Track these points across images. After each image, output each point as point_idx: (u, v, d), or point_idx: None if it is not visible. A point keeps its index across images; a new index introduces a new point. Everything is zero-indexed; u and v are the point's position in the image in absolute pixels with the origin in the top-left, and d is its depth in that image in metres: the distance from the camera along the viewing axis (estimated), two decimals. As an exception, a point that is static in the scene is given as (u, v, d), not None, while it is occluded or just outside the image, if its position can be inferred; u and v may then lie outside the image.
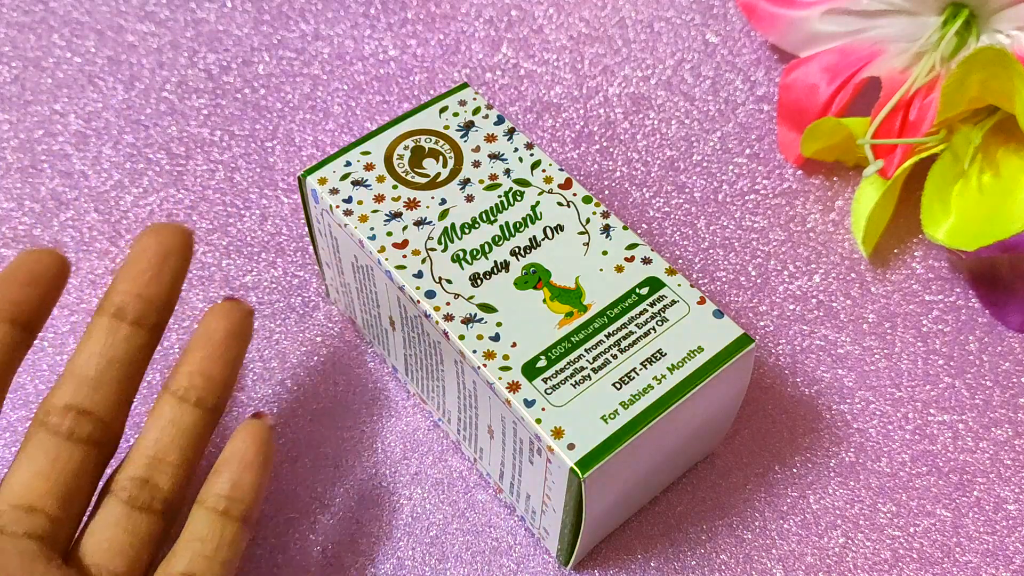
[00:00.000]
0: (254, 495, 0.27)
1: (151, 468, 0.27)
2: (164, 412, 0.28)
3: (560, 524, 0.29)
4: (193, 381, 0.28)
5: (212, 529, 0.27)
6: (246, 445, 0.27)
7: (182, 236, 0.29)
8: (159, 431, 0.28)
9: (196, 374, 0.28)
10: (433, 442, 0.33)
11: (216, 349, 0.28)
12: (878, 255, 0.38)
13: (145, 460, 0.27)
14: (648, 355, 0.28)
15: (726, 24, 0.45)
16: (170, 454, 0.27)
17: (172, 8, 0.45)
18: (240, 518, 0.27)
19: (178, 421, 0.28)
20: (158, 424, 0.28)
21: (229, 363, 0.29)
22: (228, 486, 0.27)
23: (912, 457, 0.33)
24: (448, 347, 0.28)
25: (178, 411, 0.28)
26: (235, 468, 0.27)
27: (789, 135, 0.40)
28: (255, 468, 0.27)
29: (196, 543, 0.26)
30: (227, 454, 0.28)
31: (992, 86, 0.33)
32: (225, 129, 0.41)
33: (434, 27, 0.45)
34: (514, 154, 0.32)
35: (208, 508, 0.27)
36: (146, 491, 0.27)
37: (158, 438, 0.27)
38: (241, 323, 0.29)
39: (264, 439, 0.28)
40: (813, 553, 0.31)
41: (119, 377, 0.27)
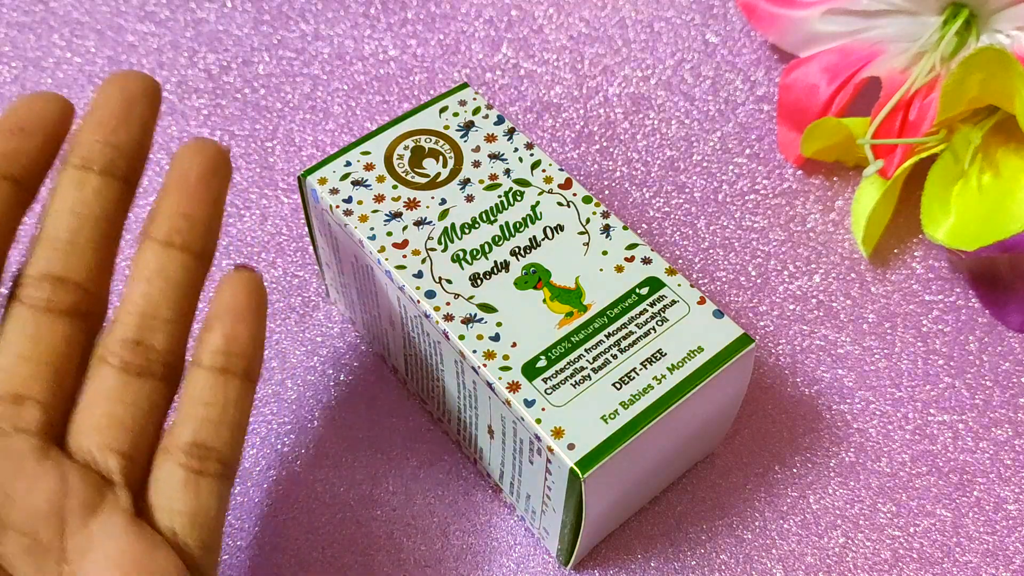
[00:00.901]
0: (253, 348, 0.25)
1: (142, 327, 0.24)
2: (148, 261, 0.24)
3: (560, 524, 0.29)
4: (175, 224, 0.24)
5: (214, 390, 0.24)
6: (236, 294, 0.24)
7: (148, 81, 0.25)
8: (146, 283, 0.24)
9: (177, 216, 0.25)
10: (433, 442, 0.33)
11: (195, 187, 0.25)
12: (878, 255, 0.38)
13: (134, 319, 0.24)
14: (648, 355, 0.28)
15: (726, 24, 0.45)
16: (162, 308, 0.24)
17: (172, 8, 0.45)
18: (242, 374, 0.24)
19: (165, 270, 0.24)
20: (143, 275, 0.24)
21: (211, 201, 0.25)
22: (223, 340, 0.24)
23: (912, 457, 0.33)
24: (448, 347, 0.28)
25: (164, 258, 0.24)
26: (227, 320, 0.24)
27: (789, 135, 0.40)
28: (249, 318, 0.24)
29: (199, 407, 0.24)
30: (216, 307, 0.25)
31: (992, 86, 0.33)
32: (225, 129, 0.41)
33: (434, 27, 0.45)
34: (514, 154, 0.32)
35: (206, 368, 0.24)
36: (140, 353, 0.24)
37: (146, 291, 0.24)
38: (217, 157, 0.25)
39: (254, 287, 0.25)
40: (813, 553, 0.31)
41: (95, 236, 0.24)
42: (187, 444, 0.23)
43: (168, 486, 0.23)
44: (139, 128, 0.25)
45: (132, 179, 0.25)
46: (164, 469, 0.24)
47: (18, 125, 0.24)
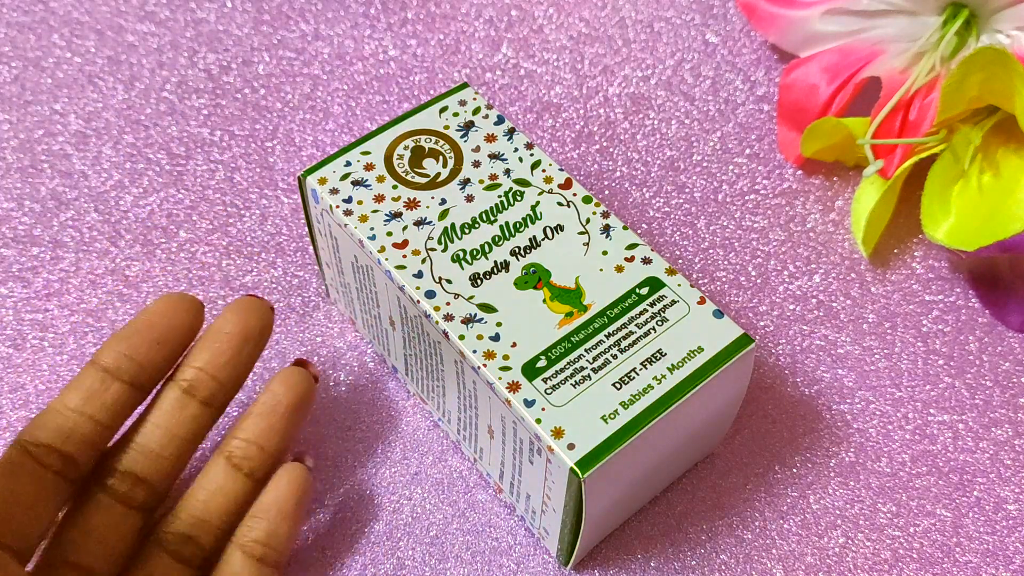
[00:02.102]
0: (288, 543, 0.28)
1: (196, 527, 0.28)
2: (215, 476, 0.28)
3: (560, 524, 0.29)
4: (249, 452, 0.28)
5: (247, 573, 0.27)
6: (285, 494, 0.28)
7: (265, 318, 0.29)
8: (207, 495, 0.28)
9: (254, 445, 0.28)
10: (433, 442, 0.33)
11: (279, 421, 0.29)
12: (878, 255, 0.38)
13: (191, 520, 0.28)
14: (648, 355, 0.28)
15: (726, 24, 0.45)
16: (215, 518, 0.28)
17: (172, 8, 0.45)
18: (274, 564, 0.28)
19: (226, 488, 0.28)
20: (208, 487, 0.28)
21: (288, 435, 0.29)
22: (264, 535, 0.28)
23: (912, 457, 0.33)
24: (448, 347, 0.28)
25: (230, 479, 0.28)
26: (273, 518, 0.28)
27: (789, 135, 0.40)
28: (292, 519, 0.28)
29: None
30: (266, 500, 0.28)
31: (992, 86, 0.33)
32: (225, 129, 0.41)
33: (434, 27, 0.45)
34: (514, 154, 0.32)
35: (245, 553, 0.27)
36: (188, 547, 0.28)
37: (205, 501, 0.28)
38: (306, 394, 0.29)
39: (304, 488, 0.28)
40: (813, 553, 0.31)
41: (179, 452, 0.28)
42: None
43: None
44: (245, 366, 0.29)
45: (224, 406, 0.29)
46: None
47: (158, 337, 0.28)
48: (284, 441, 0.29)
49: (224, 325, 0.29)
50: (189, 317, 0.28)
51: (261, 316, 0.29)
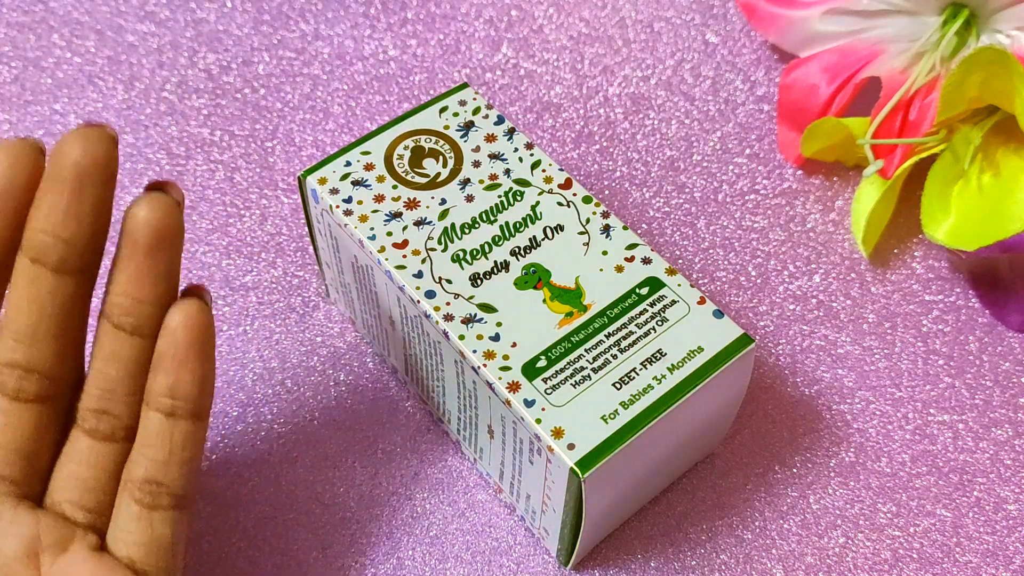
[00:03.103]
0: (198, 389, 0.25)
1: (104, 399, 0.26)
2: (103, 343, 0.25)
3: (560, 524, 0.29)
4: (123, 307, 0.25)
5: (161, 433, 0.25)
6: (178, 336, 0.25)
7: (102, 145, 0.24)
8: (103, 363, 0.25)
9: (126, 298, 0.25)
10: (433, 442, 0.33)
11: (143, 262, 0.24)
12: (878, 255, 0.38)
13: (98, 391, 0.26)
14: (648, 355, 0.28)
15: (726, 24, 0.45)
16: (119, 387, 0.26)
17: (172, 8, 0.45)
18: (189, 415, 0.25)
19: (118, 353, 0.25)
20: (100, 354, 0.26)
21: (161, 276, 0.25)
22: (167, 388, 0.25)
23: (912, 457, 0.33)
24: (448, 347, 0.28)
25: (116, 342, 0.25)
26: (171, 366, 0.25)
27: (789, 135, 0.40)
28: (193, 361, 0.25)
29: (149, 448, 0.25)
30: (161, 346, 0.25)
31: (992, 86, 0.33)
32: (225, 129, 0.41)
33: (434, 27, 0.45)
34: (514, 154, 0.32)
35: (153, 410, 0.25)
36: (104, 421, 0.26)
37: (103, 370, 0.25)
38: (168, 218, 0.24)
39: (198, 324, 0.25)
40: (813, 553, 0.31)
41: (55, 329, 0.25)
42: (139, 481, 0.25)
43: (125, 520, 0.26)
44: (91, 215, 0.24)
45: (88, 268, 0.25)
46: (122, 504, 0.26)
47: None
48: (160, 282, 0.25)
49: (56, 170, 0.24)
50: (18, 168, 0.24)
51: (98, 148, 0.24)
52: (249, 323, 0.36)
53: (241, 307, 0.36)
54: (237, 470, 0.33)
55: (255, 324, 0.36)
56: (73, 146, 0.24)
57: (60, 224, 0.24)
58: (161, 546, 0.26)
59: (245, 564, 0.31)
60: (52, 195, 0.24)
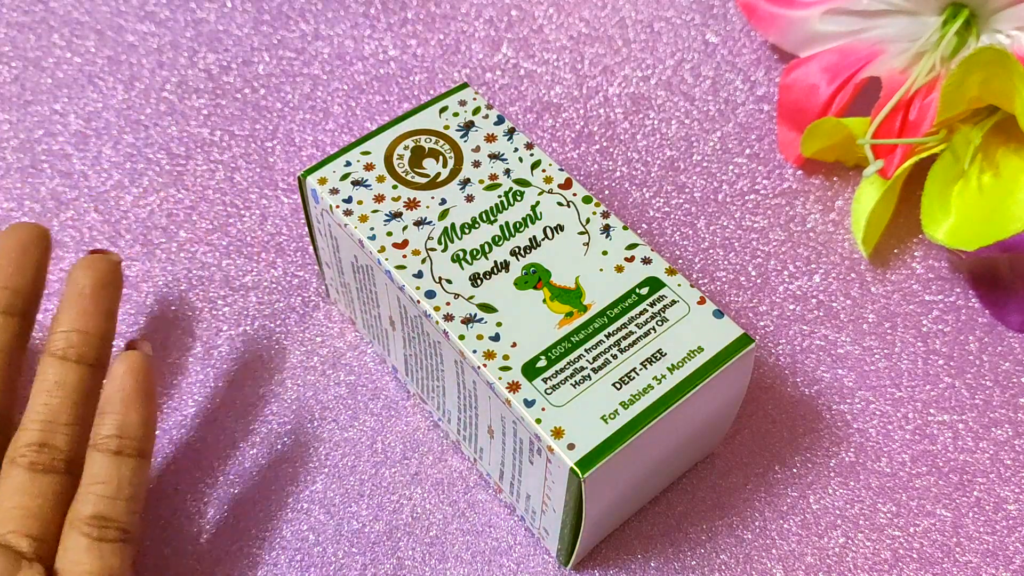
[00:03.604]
0: (144, 430, 0.28)
1: (45, 432, 0.27)
2: (48, 375, 0.28)
3: (560, 524, 0.29)
4: (71, 340, 0.28)
5: (109, 470, 0.27)
6: (125, 381, 0.27)
7: (38, 230, 0.31)
8: (47, 394, 0.28)
9: (72, 332, 0.28)
10: (433, 442, 0.33)
11: (88, 303, 0.29)
12: (878, 255, 0.38)
13: (38, 425, 0.27)
14: (648, 355, 0.28)
15: (726, 24, 0.45)
16: (62, 415, 0.28)
17: (172, 8, 0.45)
18: (135, 453, 0.27)
19: (63, 381, 0.28)
20: (44, 387, 0.28)
21: (104, 315, 0.29)
22: (116, 428, 0.27)
23: (912, 457, 0.33)
24: (448, 347, 0.28)
25: (61, 371, 0.28)
26: (119, 408, 0.27)
27: (789, 135, 0.40)
28: (138, 404, 0.27)
29: (97, 486, 0.27)
30: (108, 392, 0.28)
31: (992, 86, 0.33)
32: (225, 129, 0.41)
33: (434, 27, 0.45)
34: (514, 154, 0.32)
35: (101, 451, 0.27)
36: (45, 454, 0.27)
37: (47, 401, 0.28)
38: (109, 273, 0.29)
39: (141, 371, 0.28)
40: (813, 553, 0.31)
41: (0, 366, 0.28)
42: (88, 517, 0.26)
43: (74, 552, 0.26)
44: (34, 271, 0.30)
45: (29, 314, 0.30)
46: (70, 539, 0.26)
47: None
48: (102, 322, 0.29)
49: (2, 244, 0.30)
50: None
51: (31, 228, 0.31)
52: (249, 323, 0.36)
53: (241, 307, 0.36)
54: (237, 470, 0.33)
55: (255, 324, 0.36)
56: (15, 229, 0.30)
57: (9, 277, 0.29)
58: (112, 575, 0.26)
59: (245, 563, 0.31)
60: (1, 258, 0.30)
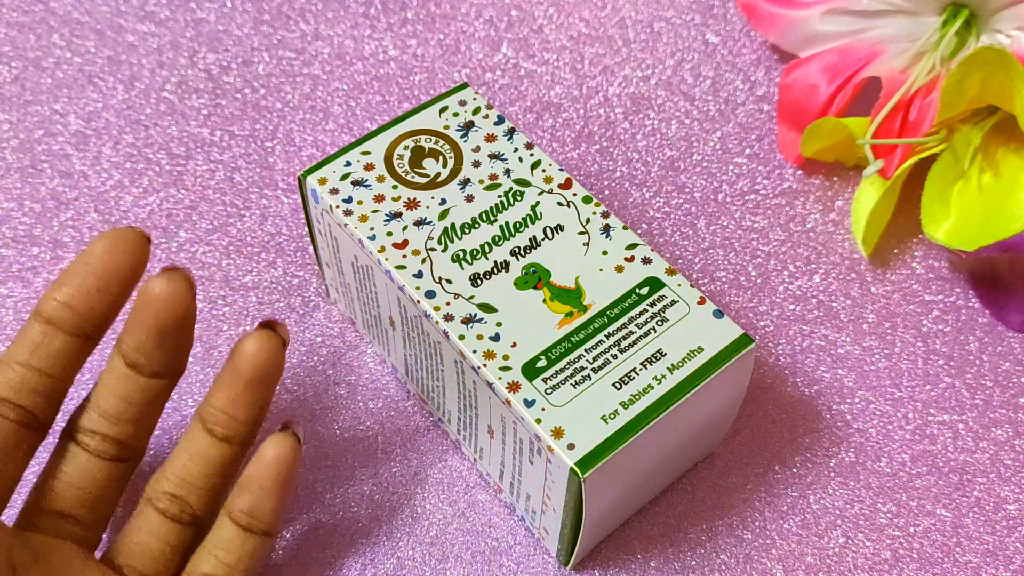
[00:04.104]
0: (274, 515, 0.28)
1: (181, 487, 0.28)
2: (194, 441, 0.28)
3: (560, 524, 0.29)
4: (221, 419, 0.28)
5: (234, 540, 0.28)
6: (267, 470, 0.28)
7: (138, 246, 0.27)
8: (188, 458, 0.28)
9: (224, 412, 0.28)
10: (433, 442, 0.33)
11: (245, 392, 0.28)
12: (878, 255, 0.38)
13: (177, 479, 0.28)
14: (648, 355, 0.28)
15: (726, 24, 0.45)
16: (198, 480, 0.28)
17: (172, 8, 0.45)
18: (260, 533, 0.28)
19: (206, 452, 0.28)
20: (188, 450, 0.28)
21: (259, 403, 0.28)
22: (249, 507, 0.28)
23: (912, 457, 0.33)
24: (448, 347, 0.28)
25: (205, 443, 0.28)
26: (255, 491, 0.28)
27: (789, 135, 0.40)
28: (275, 492, 0.28)
29: (219, 551, 0.28)
30: (251, 473, 0.28)
31: (992, 86, 0.33)
32: (225, 129, 0.41)
33: (434, 27, 0.45)
34: (514, 154, 0.32)
35: (232, 521, 0.28)
36: (176, 505, 0.28)
37: (187, 464, 0.28)
38: (274, 359, 0.28)
39: (288, 462, 0.28)
40: (813, 553, 0.31)
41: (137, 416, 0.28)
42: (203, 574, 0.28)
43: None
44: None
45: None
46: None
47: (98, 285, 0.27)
48: (252, 408, 0.28)
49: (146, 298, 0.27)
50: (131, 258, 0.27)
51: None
52: (249, 323, 0.36)
53: (241, 307, 0.36)
54: (237, 470, 0.33)
55: (255, 324, 0.36)
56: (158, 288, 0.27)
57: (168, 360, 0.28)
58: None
59: (245, 564, 0.31)
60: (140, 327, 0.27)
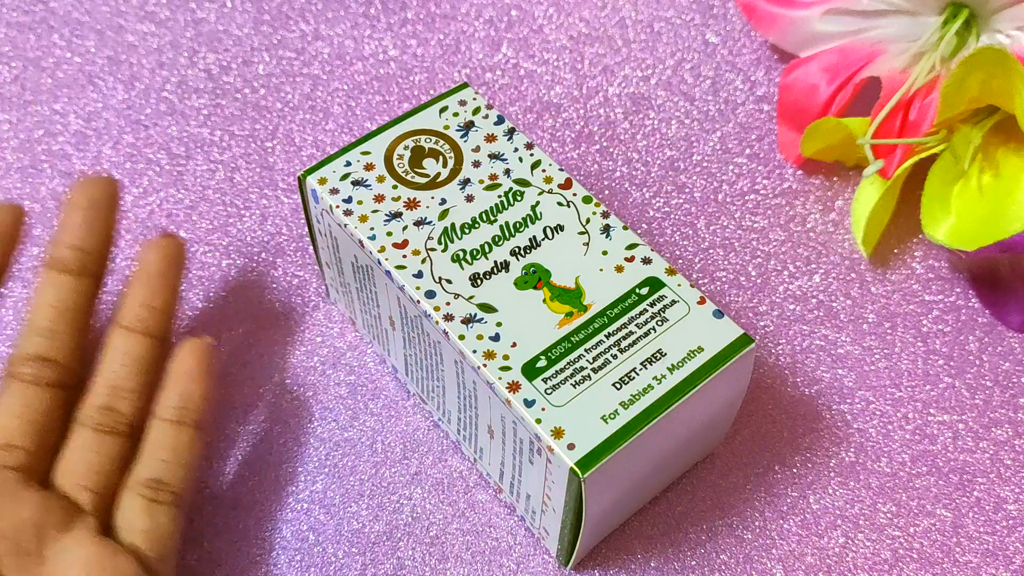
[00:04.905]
0: (203, 403, 0.30)
1: (111, 396, 0.29)
2: (117, 344, 0.30)
3: (560, 524, 0.29)
4: (139, 314, 0.31)
5: (169, 437, 0.29)
6: (189, 360, 0.30)
7: (108, 186, 0.32)
8: (114, 362, 0.30)
9: (142, 307, 0.31)
10: (433, 442, 0.33)
11: (156, 280, 0.31)
12: (878, 255, 0.38)
13: (105, 389, 0.30)
14: (648, 355, 0.28)
15: (726, 24, 0.45)
16: (127, 381, 0.30)
17: (172, 8, 0.45)
18: (193, 425, 0.30)
19: (130, 351, 0.30)
20: (113, 356, 0.30)
21: (170, 291, 0.31)
22: (178, 398, 0.29)
23: (912, 457, 0.33)
24: (448, 347, 0.28)
25: (130, 342, 0.30)
26: (183, 381, 0.30)
27: (789, 135, 0.40)
28: (200, 379, 0.30)
29: (157, 451, 0.29)
30: (173, 370, 0.30)
31: (992, 86, 0.33)
32: (225, 129, 0.41)
33: (434, 27, 0.45)
34: (514, 154, 0.32)
35: (163, 420, 0.29)
36: (109, 416, 0.29)
37: (114, 369, 0.30)
38: (175, 252, 0.32)
39: (205, 353, 0.30)
40: (813, 553, 0.31)
41: (71, 324, 0.30)
42: (146, 480, 0.29)
43: (130, 511, 0.28)
44: (104, 230, 0.32)
45: (99, 274, 0.31)
46: (127, 499, 0.28)
47: None
48: (169, 297, 0.31)
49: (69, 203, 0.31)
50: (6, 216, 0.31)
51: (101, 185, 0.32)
52: (250, 323, 0.36)
53: (241, 307, 0.36)
54: (237, 470, 0.33)
55: (256, 325, 0.36)
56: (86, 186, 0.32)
57: (80, 238, 0.31)
58: (163, 535, 0.28)
59: (245, 563, 0.31)
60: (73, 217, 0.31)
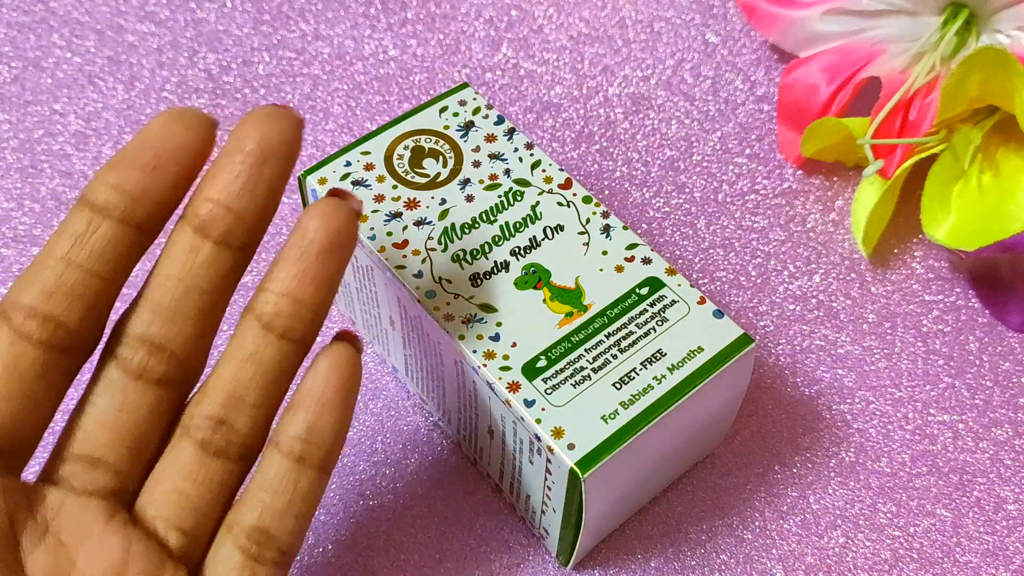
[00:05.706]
0: (334, 440, 0.23)
1: (228, 406, 0.23)
2: (245, 342, 0.23)
3: (560, 524, 0.29)
4: (280, 307, 0.23)
5: (286, 479, 0.23)
6: (328, 378, 0.23)
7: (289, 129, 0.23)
8: (239, 364, 0.23)
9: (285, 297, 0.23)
10: (433, 442, 0.33)
11: (312, 266, 0.23)
12: (878, 255, 0.38)
13: (222, 397, 0.23)
14: (648, 355, 0.28)
15: (726, 24, 0.45)
16: (251, 393, 0.23)
17: (172, 8, 0.45)
18: (318, 466, 0.23)
19: (260, 354, 0.23)
20: (238, 355, 0.23)
21: (326, 284, 0.23)
22: (304, 429, 0.23)
23: (912, 457, 0.33)
24: (448, 347, 0.28)
25: (261, 342, 0.23)
26: (312, 408, 0.23)
27: (789, 135, 0.40)
28: (335, 408, 0.23)
29: (268, 493, 0.23)
30: (305, 388, 0.23)
31: (992, 86, 0.33)
32: (225, 129, 0.41)
33: (434, 27, 0.45)
34: (514, 154, 0.32)
35: (283, 453, 0.23)
36: (221, 433, 0.23)
37: (237, 373, 0.23)
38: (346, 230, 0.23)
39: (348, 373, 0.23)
40: (813, 553, 0.31)
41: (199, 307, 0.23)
42: (250, 528, 0.23)
43: (225, 567, 0.23)
44: (266, 194, 0.23)
45: (249, 248, 0.23)
46: (224, 548, 0.23)
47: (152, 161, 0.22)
48: (321, 290, 0.23)
49: (238, 143, 0.23)
50: (193, 134, 0.22)
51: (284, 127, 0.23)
52: (249, 323, 0.36)
53: (241, 307, 0.36)
54: (237, 470, 0.33)
55: (255, 324, 0.36)
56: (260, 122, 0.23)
57: (235, 197, 0.23)
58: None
59: (245, 564, 0.31)
60: (231, 166, 0.23)
